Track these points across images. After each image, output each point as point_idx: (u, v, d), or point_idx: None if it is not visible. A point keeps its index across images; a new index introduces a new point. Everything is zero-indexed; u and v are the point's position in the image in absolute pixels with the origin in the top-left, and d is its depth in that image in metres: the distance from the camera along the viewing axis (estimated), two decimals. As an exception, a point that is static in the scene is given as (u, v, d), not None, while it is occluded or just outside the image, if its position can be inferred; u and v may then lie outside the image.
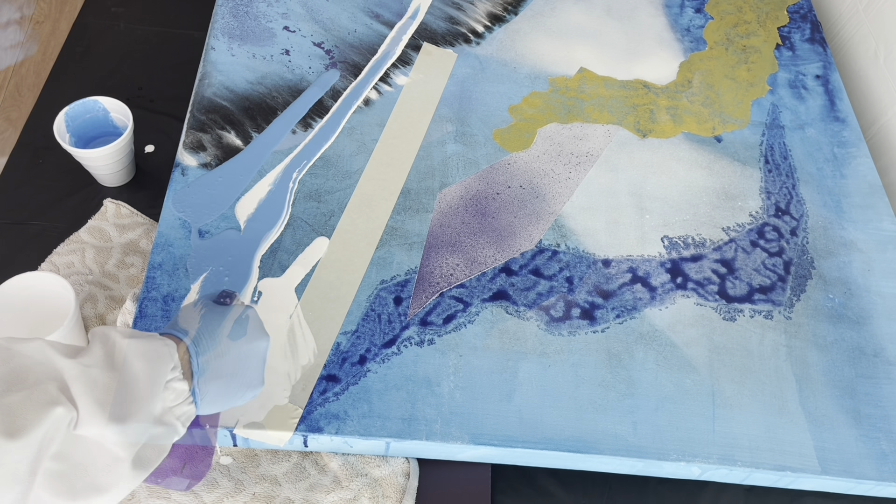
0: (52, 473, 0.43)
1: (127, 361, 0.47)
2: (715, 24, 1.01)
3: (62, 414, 0.42)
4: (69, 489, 0.43)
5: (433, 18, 0.96)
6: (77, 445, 0.44)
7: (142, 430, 0.47)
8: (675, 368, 0.71)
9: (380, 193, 0.79)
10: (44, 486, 0.42)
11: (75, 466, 0.44)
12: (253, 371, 0.56)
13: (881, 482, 0.67)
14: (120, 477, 0.46)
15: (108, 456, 0.45)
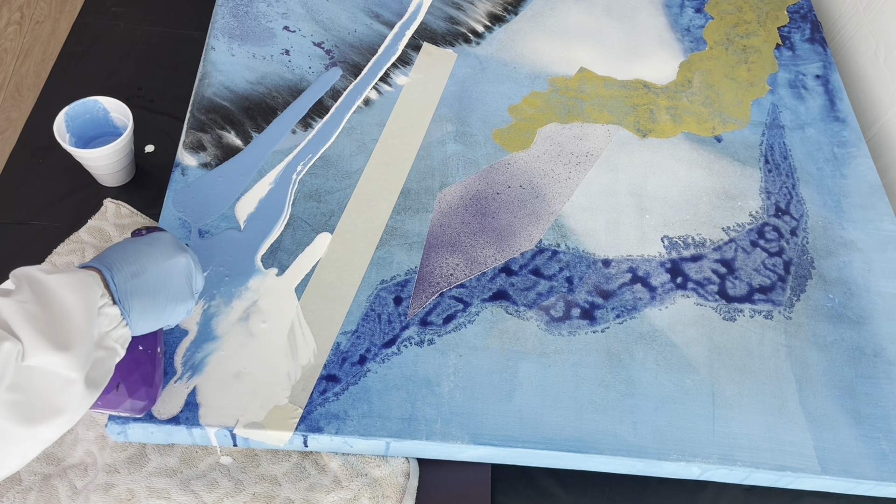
0: (9, 403, 0.44)
1: (57, 294, 0.48)
2: (715, 24, 1.01)
3: (9, 348, 0.44)
4: (28, 416, 0.45)
5: (433, 18, 0.96)
6: (29, 375, 0.45)
7: (86, 353, 0.48)
8: (675, 368, 0.71)
9: (380, 193, 0.79)
10: (3, 416, 0.44)
11: (31, 394, 0.45)
12: (177, 285, 0.57)
13: (881, 482, 0.67)
14: (74, 397, 0.48)
15: (60, 380, 0.47)
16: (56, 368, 0.46)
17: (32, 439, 0.46)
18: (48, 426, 0.47)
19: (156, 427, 0.63)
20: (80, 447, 0.67)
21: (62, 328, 0.47)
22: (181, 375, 0.65)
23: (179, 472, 0.64)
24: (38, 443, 0.47)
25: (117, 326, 0.53)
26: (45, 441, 0.47)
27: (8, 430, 0.45)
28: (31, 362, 0.46)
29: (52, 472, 0.66)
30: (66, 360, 0.47)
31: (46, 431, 0.47)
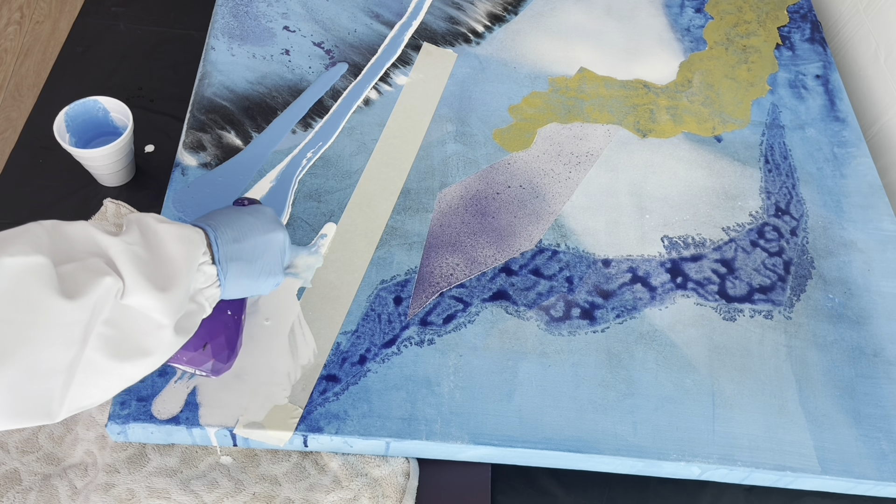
0: (103, 337, 0.46)
1: (164, 243, 0.51)
2: (715, 23, 1.01)
3: (111, 283, 0.46)
4: (118, 351, 0.47)
5: (433, 18, 0.96)
6: (124, 313, 0.47)
7: (181, 302, 0.50)
8: (675, 368, 0.71)
9: (380, 193, 0.79)
10: (96, 349, 0.46)
11: (124, 331, 0.47)
12: (271, 258, 0.59)
13: (881, 482, 0.67)
14: (163, 342, 0.50)
15: (152, 323, 0.49)
16: (150, 312, 0.48)
17: (118, 375, 0.48)
18: (134, 365, 0.48)
19: (156, 427, 0.63)
20: (80, 447, 0.67)
21: (163, 274, 0.49)
22: (181, 375, 0.65)
23: (179, 472, 0.64)
24: (122, 379, 0.49)
25: (211, 286, 0.55)
26: (128, 379, 0.49)
27: (97, 362, 0.46)
28: (129, 301, 0.47)
29: (52, 472, 0.66)
30: (162, 304, 0.48)
31: (132, 370, 0.49)
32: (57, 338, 0.44)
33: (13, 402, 0.43)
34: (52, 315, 0.43)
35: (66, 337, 0.44)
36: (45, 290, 0.43)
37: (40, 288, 0.43)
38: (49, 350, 0.44)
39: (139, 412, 0.63)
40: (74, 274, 0.45)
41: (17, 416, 0.44)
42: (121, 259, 0.48)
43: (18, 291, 0.42)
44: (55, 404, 0.45)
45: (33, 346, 0.43)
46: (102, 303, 0.46)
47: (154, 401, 0.64)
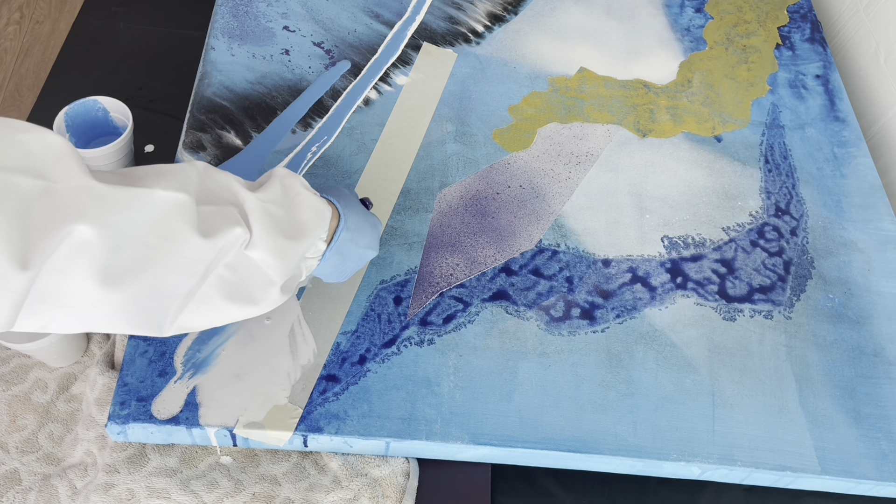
0: (221, 278, 0.52)
1: (301, 207, 0.57)
2: (715, 23, 1.01)
3: (240, 233, 0.51)
4: (231, 293, 0.53)
5: (433, 18, 0.96)
6: (244, 262, 0.53)
7: (294, 265, 0.56)
8: (675, 368, 0.71)
9: (380, 193, 0.79)
10: (213, 286, 0.51)
11: (240, 277, 0.53)
12: (353, 265, 0.64)
13: (881, 482, 0.67)
14: (270, 296, 0.55)
15: (264, 278, 0.54)
16: (266, 268, 0.54)
17: (224, 312, 0.54)
18: (240, 308, 0.54)
19: (156, 427, 0.63)
20: (80, 447, 0.67)
21: (288, 235, 0.55)
22: (181, 375, 0.65)
23: (179, 472, 0.64)
24: (226, 316, 0.54)
25: (313, 258, 0.60)
26: (231, 318, 0.54)
27: (211, 297, 0.52)
28: (251, 253, 0.53)
29: (52, 472, 0.66)
30: (279, 263, 0.54)
31: (237, 312, 0.54)
32: (184, 268, 0.49)
33: (134, 313, 0.48)
34: (185, 248, 0.49)
35: (191, 269, 0.50)
36: (185, 226, 0.48)
37: (181, 223, 0.48)
38: (175, 277, 0.49)
39: (139, 412, 0.63)
40: (212, 216, 0.50)
41: (133, 324, 0.49)
42: (254, 215, 0.53)
43: (162, 221, 0.47)
44: (167, 322, 0.51)
45: (163, 270, 0.48)
46: (229, 248, 0.51)
47: (154, 401, 0.63)
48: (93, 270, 0.45)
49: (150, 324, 0.50)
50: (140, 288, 0.47)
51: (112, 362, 0.70)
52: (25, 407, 0.69)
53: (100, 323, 0.48)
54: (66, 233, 0.43)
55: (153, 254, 0.47)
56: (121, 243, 0.46)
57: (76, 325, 0.48)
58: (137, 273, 0.47)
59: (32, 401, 0.69)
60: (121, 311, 0.48)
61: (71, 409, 0.69)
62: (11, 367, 0.71)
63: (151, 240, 0.47)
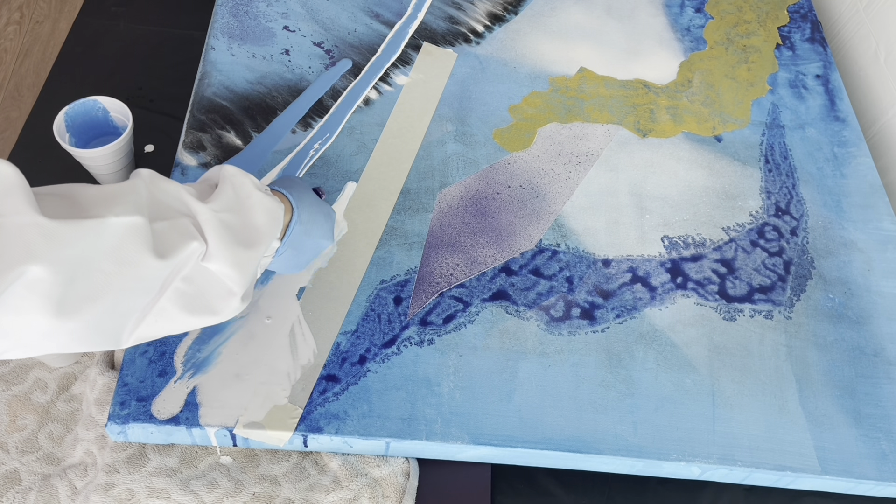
0: (179, 291, 0.51)
1: (254, 211, 0.56)
2: (715, 23, 1.01)
3: (196, 247, 0.51)
4: (189, 306, 0.52)
5: (433, 18, 0.96)
6: (202, 274, 0.53)
7: (254, 273, 0.56)
8: (675, 368, 0.71)
9: (380, 193, 0.79)
10: (170, 300, 0.51)
11: (198, 289, 0.53)
12: (307, 256, 0.65)
13: (881, 482, 0.67)
14: (230, 306, 0.55)
15: (224, 288, 0.54)
16: (226, 279, 0.54)
17: (183, 323, 0.53)
18: (200, 319, 0.54)
19: (155, 427, 0.63)
20: (80, 447, 0.67)
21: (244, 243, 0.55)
22: (181, 375, 0.65)
23: (179, 472, 0.64)
24: (185, 327, 0.54)
25: (269, 256, 0.61)
26: (190, 327, 0.54)
27: (169, 310, 0.52)
28: (209, 265, 0.53)
29: (52, 472, 0.66)
30: (238, 274, 0.54)
31: (196, 322, 0.54)
32: (141, 289, 0.49)
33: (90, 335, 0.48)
34: (141, 271, 0.48)
35: (148, 287, 0.49)
36: (141, 249, 0.48)
37: (137, 247, 0.48)
38: (132, 298, 0.49)
39: (139, 412, 0.63)
40: (166, 233, 0.50)
41: (89, 345, 0.49)
42: (208, 226, 0.53)
43: (118, 248, 0.47)
44: (125, 336, 0.51)
45: (119, 294, 0.48)
46: (185, 262, 0.51)
47: (154, 401, 0.63)
48: (47, 306, 0.44)
49: (106, 342, 0.50)
50: (96, 313, 0.47)
51: (112, 362, 0.70)
52: (25, 407, 0.69)
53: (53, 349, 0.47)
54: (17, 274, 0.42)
55: (109, 279, 0.47)
56: (75, 275, 0.45)
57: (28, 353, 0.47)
58: (93, 300, 0.46)
59: (32, 401, 0.69)
60: (75, 338, 0.47)
61: (71, 409, 0.69)
62: (11, 367, 0.71)
63: (107, 266, 0.47)
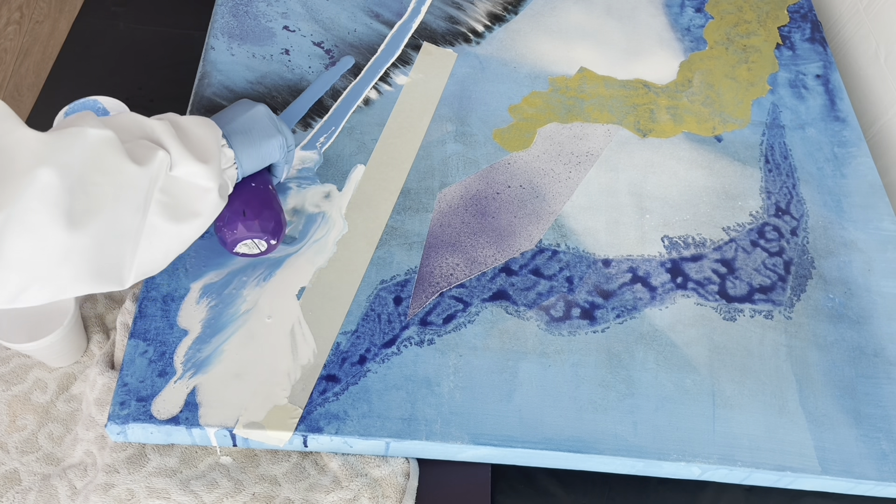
0: (160, 203, 0.54)
1: (191, 128, 0.60)
2: (715, 23, 1.01)
3: (163, 156, 0.54)
4: (174, 214, 0.56)
5: (433, 18, 0.96)
6: (175, 183, 0.56)
7: (218, 171, 0.59)
8: (675, 368, 0.71)
9: (380, 193, 0.79)
10: (156, 213, 0.54)
11: (177, 197, 0.56)
12: (263, 125, 0.67)
13: (881, 482, 0.67)
14: (209, 203, 0.59)
15: (199, 189, 0.57)
16: (196, 179, 0.57)
17: (175, 236, 0.57)
18: (189, 225, 0.57)
19: (155, 427, 0.63)
20: (80, 447, 0.67)
21: (200, 148, 0.58)
22: (181, 375, 0.65)
23: (179, 472, 0.64)
24: (178, 241, 0.57)
25: (230, 168, 0.64)
26: (183, 240, 0.58)
27: (158, 225, 0.55)
28: (176, 172, 0.56)
29: (52, 472, 0.66)
30: (205, 171, 0.57)
31: (187, 230, 0.57)
32: (130, 201, 0.52)
33: (96, 260, 0.51)
34: (126, 178, 0.51)
35: (135, 201, 0.52)
36: (120, 157, 0.51)
37: (115, 155, 0.51)
38: (125, 212, 0.51)
39: (139, 412, 0.63)
40: (134, 149, 0.53)
41: (95, 277, 0.52)
42: (166, 137, 0.56)
43: (100, 157, 0.50)
44: (125, 270, 0.54)
45: (115, 206, 0.51)
46: (157, 173, 0.54)
47: (154, 401, 0.63)
48: (57, 217, 0.47)
49: (110, 275, 0.53)
50: (99, 228, 0.50)
51: (112, 362, 0.70)
52: (25, 407, 0.69)
53: (69, 280, 0.50)
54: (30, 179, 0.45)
55: (102, 191, 0.50)
56: (74, 186, 0.48)
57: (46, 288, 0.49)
58: (95, 213, 0.49)
59: (32, 401, 0.69)
60: (87, 259, 0.50)
61: (71, 409, 0.69)
62: (11, 367, 0.71)
63: (97, 177, 0.50)
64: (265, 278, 0.71)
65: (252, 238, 0.67)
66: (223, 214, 0.67)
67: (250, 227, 0.67)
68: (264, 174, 0.71)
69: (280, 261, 0.72)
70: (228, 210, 0.67)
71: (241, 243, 0.68)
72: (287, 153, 0.71)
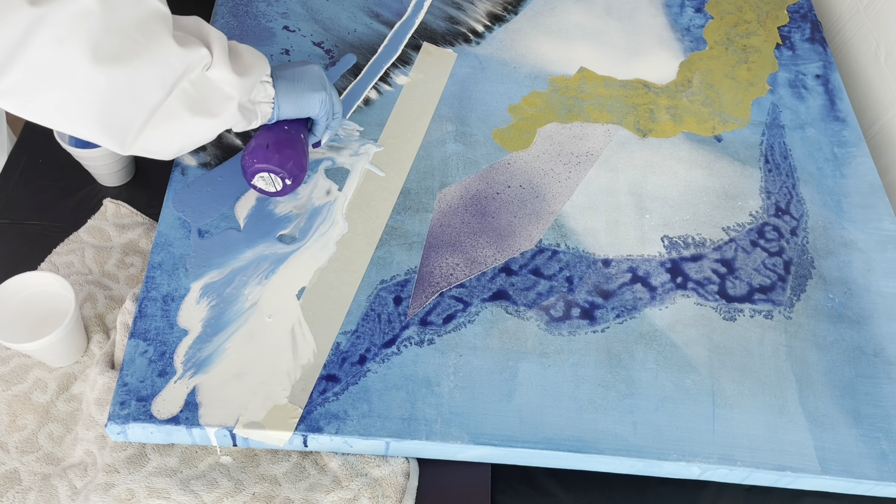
0: (185, 91, 0.58)
1: (242, 50, 0.65)
2: (715, 23, 1.01)
3: (205, 54, 0.59)
4: (193, 106, 0.59)
5: (433, 18, 0.96)
6: (205, 81, 0.60)
7: (248, 90, 0.63)
8: (675, 368, 0.71)
9: (380, 193, 0.79)
10: (177, 98, 0.58)
11: (202, 93, 0.60)
12: (312, 79, 0.71)
13: (881, 482, 0.67)
14: (228, 110, 0.62)
15: (223, 94, 0.61)
16: (224, 85, 0.61)
17: (186, 126, 0.60)
18: (202, 121, 0.60)
19: (155, 427, 0.63)
20: (80, 447, 0.67)
21: (240, 64, 0.62)
22: (181, 375, 0.65)
23: (179, 471, 0.64)
24: (186, 133, 0.61)
25: (266, 102, 0.68)
26: (191, 134, 0.61)
27: (175, 109, 0.58)
28: (210, 74, 0.60)
29: (52, 472, 0.66)
30: (236, 81, 0.61)
31: (199, 125, 0.61)
32: (158, 73, 0.56)
33: (107, 107, 0.54)
34: (163, 51, 0.55)
35: (163, 76, 0.56)
36: (166, 32, 0.55)
37: (163, 28, 0.55)
38: (150, 79, 0.55)
39: (139, 412, 0.63)
40: (182, 37, 0.58)
41: (101, 124, 0.55)
42: (215, 43, 0.60)
43: (148, 22, 0.54)
44: (130, 136, 0.57)
45: (142, 67, 0.54)
46: (194, 64, 0.58)
47: (154, 401, 0.63)
48: (87, 44, 0.50)
49: (115, 132, 0.56)
50: (120, 77, 0.53)
51: (112, 362, 0.70)
52: (25, 407, 0.69)
53: (75, 113, 0.54)
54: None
55: (137, 48, 0.53)
56: (112, 26, 0.52)
57: (56, 109, 0.53)
58: (122, 60, 0.53)
59: (32, 401, 0.69)
60: (98, 101, 0.53)
61: (71, 409, 0.69)
62: (11, 367, 0.71)
63: (137, 36, 0.53)
64: (266, 277, 0.71)
65: (269, 172, 0.70)
66: (250, 144, 0.71)
67: (269, 158, 0.70)
68: (301, 126, 0.73)
69: (280, 260, 0.72)
70: (255, 141, 0.71)
71: (259, 175, 0.71)
72: (331, 118, 0.74)
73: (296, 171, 0.71)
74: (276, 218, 0.75)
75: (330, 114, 0.74)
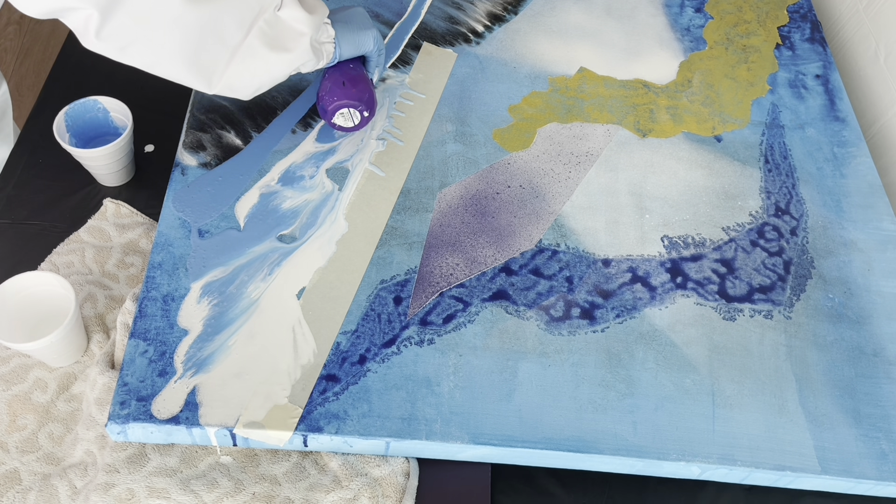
0: (261, 30, 0.64)
1: None
2: (715, 23, 1.01)
3: None
4: (271, 43, 0.65)
5: (433, 18, 0.96)
6: (278, 21, 0.65)
7: (317, 26, 0.68)
8: (675, 368, 0.71)
9: (380, 193, 0.79)
10: (255, 37, 0.64)
11: (276, 31, 0.65)
12: (360, 20, 0.76)
13: (881, 482, 0.67)
14: (301, 45, 0.68)
15: (295, 31, 0.67)
16: (296, 23, 0.66)
17: (266, 63, 0.66)
18: (279, 57, 0.66)
19: (155, 427, 0.63)
20: (80, 447, 0.67)
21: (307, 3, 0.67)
22: (181, 375, 0.65)
23: (179, 471, 0.64)
24: (266, 69, 0.66)
25: (328, 42, 0.72)
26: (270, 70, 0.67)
27: (254, 47, 0.64)
28: (282, 13, 0.65)
29: (52, 472, 0.66)
30: (307, 17, 0.66)
31: (277, 61, 0.66)
32: (239, 12, 0.61)
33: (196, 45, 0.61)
34: None
35: (242, 16, 0.62)
36: None
37: None
38: (231, 18, 0.61)
39: (139, 412, 0.63)
40: None
41: (191, 63, 0.62)
42: None
43: None
44: (216, 74, 0.64)
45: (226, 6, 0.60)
46: (267, 5, 0.63)
47: (154, 400, 0.64)
48: None
49: (203, 71, 0.63)
50: (207, 14, 0.59)
51: (112, 362, 0.70)
52: (25, 407, 0.69)
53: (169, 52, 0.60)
54: None
55: None
56: None
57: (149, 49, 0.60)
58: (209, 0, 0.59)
59: (32, 401, 0.69)
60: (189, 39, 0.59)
61: (71, 409, 0.69)
62: (11, 367, 0.71)
63: None
64: (266, 277, 0.71)
65: (349, 107, 0.76)
66: (325, 85, 0.77)
67: (349, 94, 0.76)
68: (360, 64, 0.79)
69: (281, 260, 0.72)
70: (329, 81, 0.77)
71: (339, 112, 0.77)
72: (380, 54, 0.79)
73: (371, 103, 0.77)
74: (276, 218, 0.75)
75: (381, 50, 0.79)
